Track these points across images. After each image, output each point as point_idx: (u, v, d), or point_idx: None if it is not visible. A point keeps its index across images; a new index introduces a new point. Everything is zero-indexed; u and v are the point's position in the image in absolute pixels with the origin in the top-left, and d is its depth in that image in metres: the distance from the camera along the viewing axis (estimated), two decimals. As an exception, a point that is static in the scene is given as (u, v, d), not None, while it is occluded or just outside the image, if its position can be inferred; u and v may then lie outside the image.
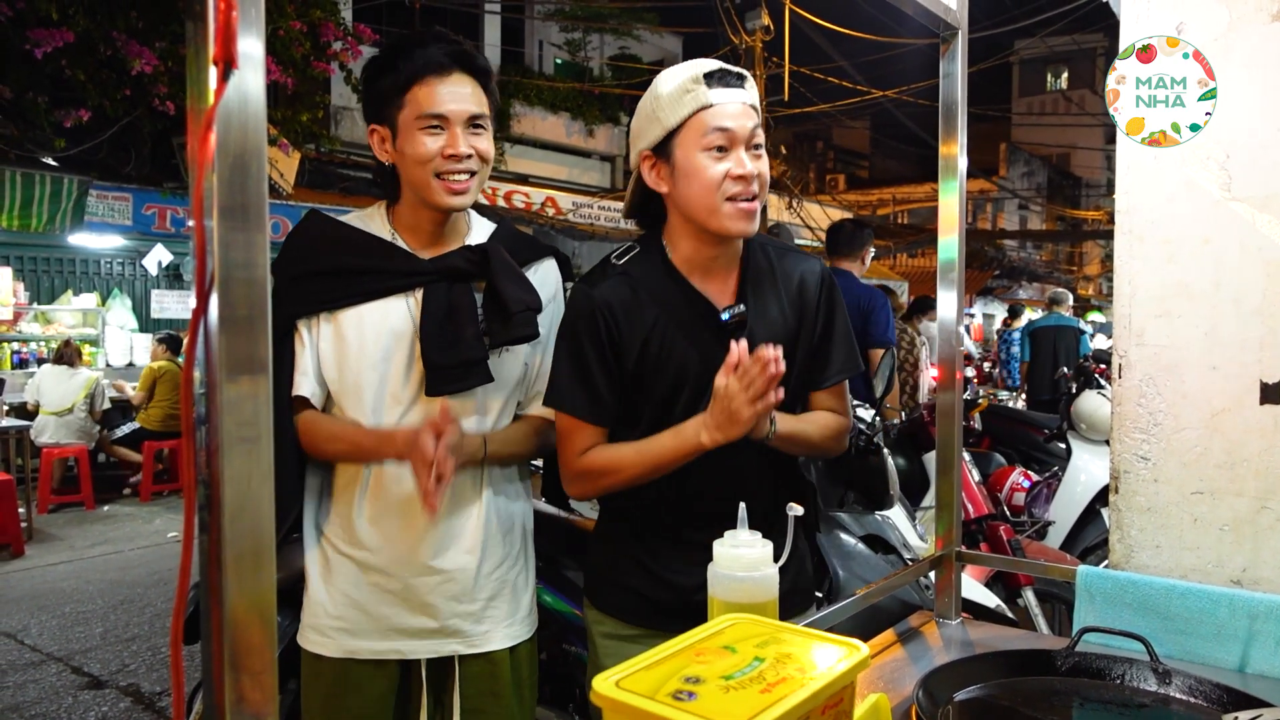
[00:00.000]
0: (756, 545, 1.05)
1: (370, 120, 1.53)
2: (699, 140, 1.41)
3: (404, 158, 1.49)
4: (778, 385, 1.48)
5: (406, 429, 1.49)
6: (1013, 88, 33.44)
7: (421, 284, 1.52)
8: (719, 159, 1.41)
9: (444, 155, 1.46)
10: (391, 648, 1.54)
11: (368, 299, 1.51)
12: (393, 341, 1.51)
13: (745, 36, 11.93)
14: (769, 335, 1.50)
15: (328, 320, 1.52)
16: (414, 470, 1.44)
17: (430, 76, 1.46)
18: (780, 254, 1.59)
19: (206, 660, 0.65)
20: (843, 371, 1.60)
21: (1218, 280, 1.36)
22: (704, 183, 1.42)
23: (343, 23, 7.84)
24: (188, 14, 0.63)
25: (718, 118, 1.40)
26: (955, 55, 1.57)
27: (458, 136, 1.47)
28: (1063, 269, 25.71)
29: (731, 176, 1.41)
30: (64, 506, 7.42)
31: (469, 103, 1.49)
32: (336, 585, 1.54)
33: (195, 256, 0.64)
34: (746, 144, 1.42)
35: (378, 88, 1.50)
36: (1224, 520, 1.36)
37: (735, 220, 1.43)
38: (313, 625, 1.56)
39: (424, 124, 1.46)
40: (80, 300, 9.85)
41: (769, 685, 0.69)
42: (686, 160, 1.43)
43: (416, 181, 1.50)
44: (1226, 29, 1.35)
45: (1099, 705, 1.15)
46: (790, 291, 1.56)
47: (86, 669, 4.07)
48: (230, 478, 0.63)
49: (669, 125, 1.43)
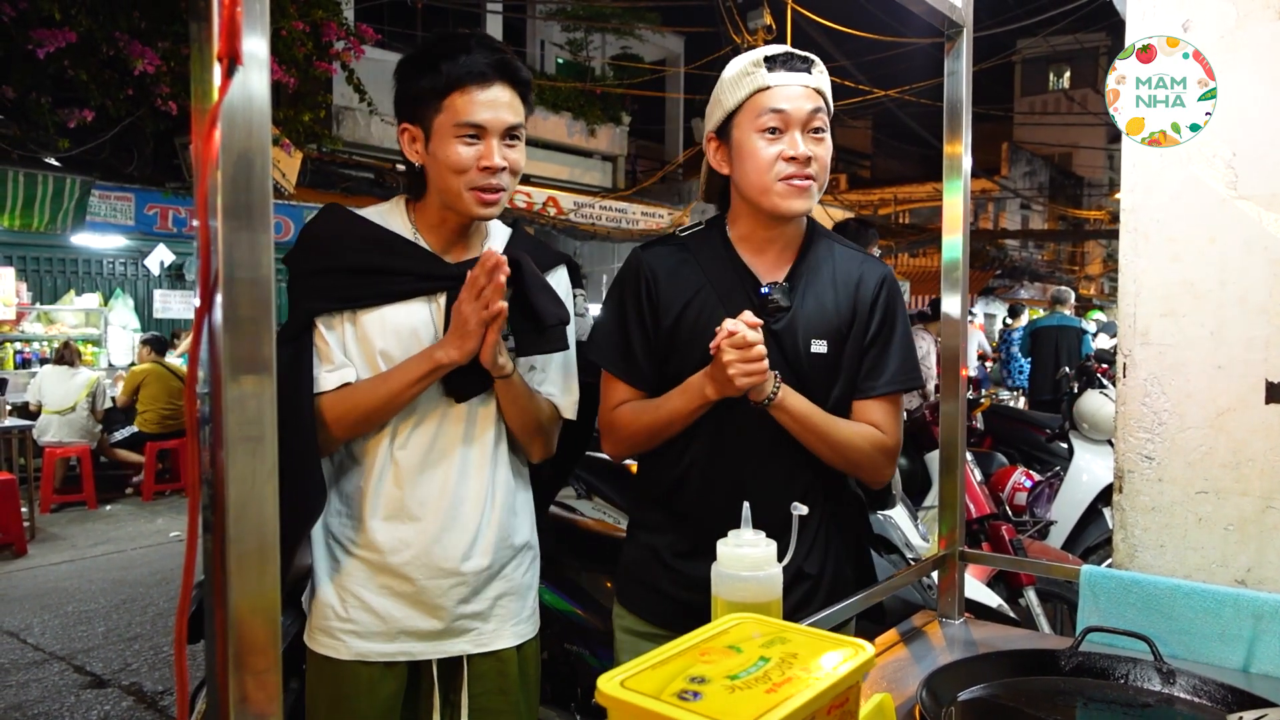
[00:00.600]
0: (760, 545, 1.04)
1: (402, 118, 1.50)
2: (754, 121, 1.44)
3: (436, 163, 1.46)
4: (826, 385, 1.50)
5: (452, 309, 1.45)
6: (1015, 87, 33.42)
7: (445, 288, 1.50)
8: (773, 140, 1.43)
9: (479, 167, 1.44)
10: (402, 649, 1.53)
11: (391, 300, 1.50)
12: (414, 345, 1.49)
13: (747, 36, 11.92)
14: (814, 322, 1.50)
15: (350, 319, 1.50)
16: (461, 306, 1.41)
17: (471, 85, 1.42)
18: (844, 250, 1.59)
19: (210, 659, 0.65)
20: (895, 383, 1.52)
21: (1223, 279, 1.36)
22: (757, 163, 1.44)
23: (345, 23, 7.83)
24: (192, 14, 0.63)
25: (773, 99, 1.42)
26: (960, 53, 1.56)
27: (494, 148, 1.44)
28: (1064, 269, 25.67)
29: (784, 158, 1.42)
30: (66, 506, 7.43)
31: (507, 114, 1.45)
32: (346, 587, 1.53)
33: (199, 255, 0.64)
34: (804, 126, 1.43)
35: (414, 87, 1.46)
36: (1229, 520, 1.36)
37: (786, 198, 1.44)
38: (321, 627, 1.55)
39: (461, 132, 1.43)
40: (82, 300, 9.86)
41: (774, 685, 0.69)
42: (742, 141, 1.45)
43: (448, 189, 1.47)
44: (1234, 26, 1.35)
45: (1103, 705, 1.15)
46: (847, 286, 1.54)
47: (89, 668, 4.07)
48: (234, 477, 0.63)
49: (728, 107, 1.47)
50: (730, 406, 1.45)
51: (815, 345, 1.50)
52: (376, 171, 10.68)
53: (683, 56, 16.55)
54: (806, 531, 1.53)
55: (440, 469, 1.53)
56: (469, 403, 1.54)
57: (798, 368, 1.49)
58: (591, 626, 2.32)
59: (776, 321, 1.49)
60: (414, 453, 1.52)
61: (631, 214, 13.34)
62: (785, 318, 1.49)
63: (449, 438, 1.53)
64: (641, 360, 1.54)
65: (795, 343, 1.49)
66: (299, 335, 1.48)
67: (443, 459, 1.53)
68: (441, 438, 1.53)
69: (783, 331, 1.49)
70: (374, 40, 8.02)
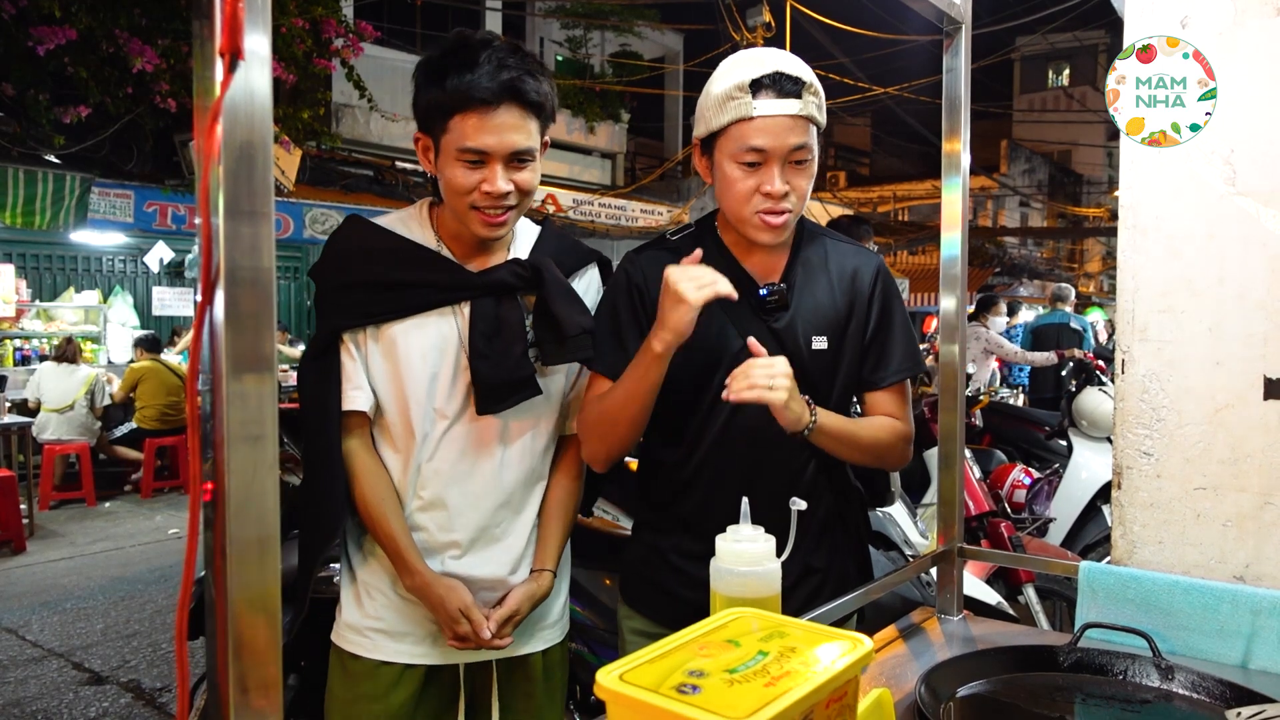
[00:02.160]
0: (759, 540, 1.05)
1: (418, 125, 1.47)
2: (734, 151, 1.41)
3: (443, 179, 1.44)
4: (829, 380, 1.50)
5: (449, 593, 1.47)
6: (1014, 84, 33.40)
7: (468, 298, 1.48)
8: (750, 174, 1.41)
9: (481, 191, 1.40)
10: (427, 652, 1.53)
11: (414, 313, 1.48)
12: (439, 357, 1.48)
13: (746, 33, 11.91)
14: (813, 319, 1.50)
15: (374, 334, 1.48)
16: (441, 624, 1.47)
17: (474, 110, 1.36)
18: (836, 243, 1.59)
19: (211, 654, 0.65)
20: (902, 370, 1.54)
21: (1222, 275, 1.36)
22: (734, 193, 1.43)
23: (344, 19, 7.82)
24: (195, 12, 0.63)
25: (755, 134, 1.38)
26: (959, 50, 1.56)
27: (497, 174, 1.39)
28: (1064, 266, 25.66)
29: (761, 193, 1.41)
30: (65, 503, 7.43)
31: (514, 137, 1.39)
32: (376, 586, 1.53)
33: (201, 250, 0.64)
34: (784, 159, 1.40)
35: (424, 99, 1.42)
36: (1227, 516, 1.36)
37: (760, 232, 1.44)
38: (349, 624, 1.54)
39: (464, 156, 1.39)
40: (82, 297, 9.86)
41: (773, 679, 0.69)
42: (722, 165, 1.44)
43: (453, 207, 1.46)
44: (1232, 23, 1.35)
45: (1102, 701, 1.15)
46: (842, 281, 1.54)
47: (87, 665, 4.07)
48: (234, 473, 0.63)
49: (711, 128, 1.44)
50: (738, 410, 1.43)
51: (816, 342, 1.50)
52: (375, 169, 10.67)
53: (682, 54, 16.54)
54: (813, 525, 1.53)
55: (472, 480, 1.52)
56: (501, 415, 1.51)
57: (800, 366, 1.48)
58: (590, 624, 2.32)
59: (776, 321, 1.49)
60: (443, 463, 1.51)
61: (631, 211, 13.33)
62: (785, 317, 1.50)
63: (481, 448, 1.52)
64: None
65: (796, 341, 1.49)
66: (324, 353, 1.48)
67: (474, 470, 1.52)
68: (472, 448, 1.51)
69: (783, 331, 1.49)
70: (373, 38, 8.01)
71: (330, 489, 1.46)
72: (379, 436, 1.53)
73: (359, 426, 1.50)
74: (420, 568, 1.47)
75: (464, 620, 1.44)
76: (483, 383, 1.46)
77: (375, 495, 1.48)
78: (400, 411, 1.49)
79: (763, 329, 1.47)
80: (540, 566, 1.56)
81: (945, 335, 1.61)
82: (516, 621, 1.50)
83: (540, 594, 1.53)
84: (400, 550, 1.46)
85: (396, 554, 1.47)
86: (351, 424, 1.49)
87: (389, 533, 1.47)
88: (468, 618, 1.44)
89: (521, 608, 1.50)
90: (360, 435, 1.50)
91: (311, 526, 1.52)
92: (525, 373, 1.48)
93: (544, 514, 1.59)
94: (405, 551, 1.46)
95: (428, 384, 1.48)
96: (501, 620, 1.47)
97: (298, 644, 1.60)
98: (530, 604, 1.52)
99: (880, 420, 1.54)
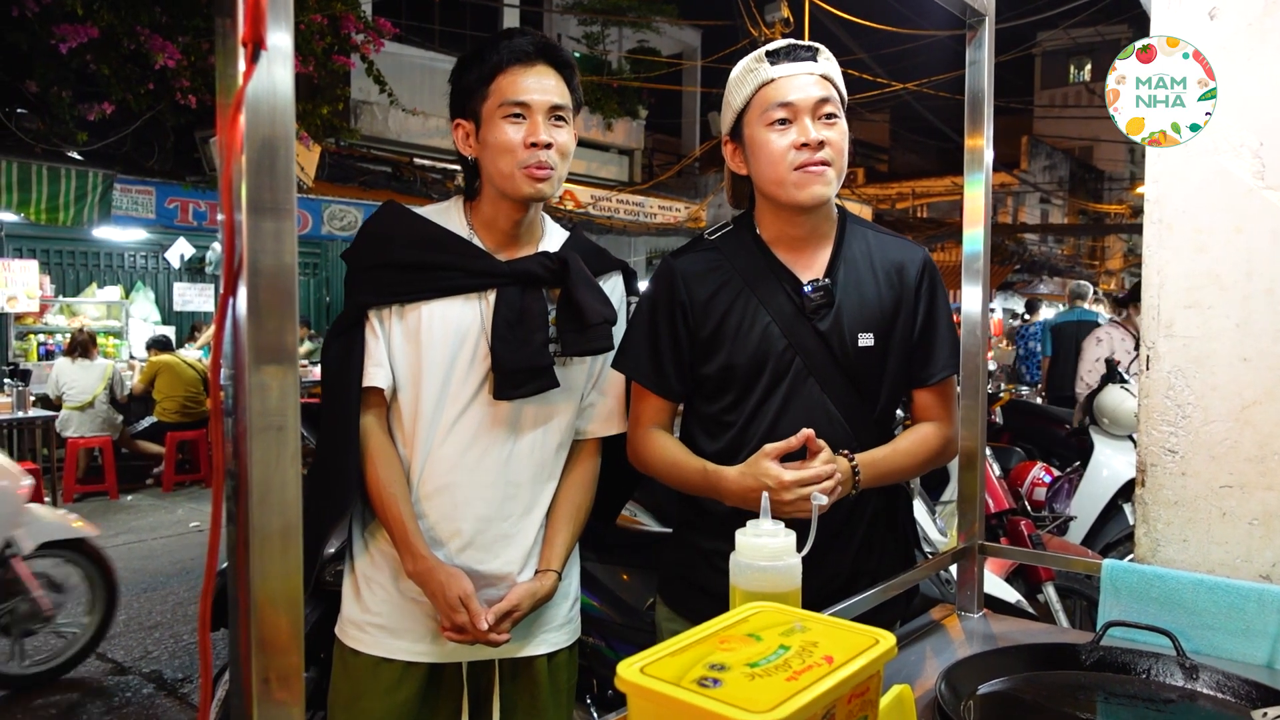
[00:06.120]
0: (779, 535, 1.04)
1: (455, 115, 1.54)
2: (763, 116, 1.43)
3: (486, 148, 1.49)
4: (876, 377, 1.49)
5: (450, 579, 1.47)
6: (1035, 80, 33.11)
7: (495, 285, 1.51)
8: (783, 131, 1.42)
9: (527, 144, 1.46)
10: (428, 650, 1.53)
11: (440, 295, 1.50)
12: (460, 341, 1.50)
13: (765, 29, 11.86)
14: (859, 316, 1.48)
15: (399, 313, 1.51)
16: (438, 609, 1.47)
17: (514, 65, 1.47)
18: (880, 236, 1.57)
19: (234, 643, 0.65)
20: (948, 368, 1.54)
21: (1250, 270, 1.34)
22: (770, 156, 1.43)
23: (363, 16, 7.85)
24: (217, 9, 0.63)
25: (779, 92, 1.41)
26: (982, 43, 1.55)
27: (539, 125, 1.46)
28: (1084, 263, 25.42)
29: (796, 146, 1.41)
30: (88, 496, 7.51)
31: (552, 93, 1.48)
32: (376, 580, 1.54)
33: (224, 244, 0.64)
34: (813, 113, 1.41)
35: (463, 82, 1.51)
36: (1254, 514, 1.34)
37: (803, 186, 1.42)
38: (351, 619, 1.55)
39: (507, 111, 1.46)
40: (104, 293, 9.98)
41: (795, 673, 0.68)
42: (754, 137, 1.45)
43: (499, 172, 1.48)
44: (1262, 13, 1.33)
45: (1125, 700, 1.14)
46: (888, 275, 1.52)
47: (110, 655, 4.12)
48: (257, 465, 0.64)
49: (737, 107, 1.47)
50: (783, 411, 1.45)
51: (862, 339, 1.48)
52: (394, 165, 10.70)
53: (699, 50, 16.49)
54: (860, 526, 1.52)
55: (479, 469, 1.52)
56: (515, 404, 1.52)
57: (846, 364, 1.47)
58: (608, 619, 2.32)
59: (821, 321, 1.47)
60: (452, 450, 1.51)
61: (649, 207, 13.32)
62: (830, 314, 1.47)
63: (491, 438, 1.52)
64: (672, 372, 1.52)
65: (842, 339, 1.47)
66: (350, 329, 1.50)
67: (483, 459, 1.52)
68: (483, 437, 1.52)
69: (828, 329, 1.47)
70: (391, 34, 8.03)
71: (344, 464, 1.47)
72: (392, 420, 1.54)
73: (377, 405, 1.52)
74: (425, 552, 1.47)
75: (462, 609, 1.44)
76: (501, 367, 1.47)
77: (386, 476, 1.49)
78: (415, 393, 1.51)
79: (808, 330, 1.46)
80: (545, 567, 1.56)
81: (967, 331, 1.59)
82: (516, 618, 1.49)
83: (542, 594, 1.53)
84: (406, 534, 1.47)
85: (402, 537, 1.47)
86: (370, 401, 1.51)
87: (396, 515, 1.47)
88: (466, 607, 1.44)
89: (522, 604, 1.50)
90: (377, 414, 1.52)
91: (321, 503, 1.52)
92: (544, 361, 1.49)
93: (553, 515, 1.59)
94: (411, 535, 1.47)
95: (446, 367, 1.50)
96: (500, 614, 1.47)
97: (316, 636, 1.61)
98: (531, 602, 1.51)
99: (919, 435, 1.53)
